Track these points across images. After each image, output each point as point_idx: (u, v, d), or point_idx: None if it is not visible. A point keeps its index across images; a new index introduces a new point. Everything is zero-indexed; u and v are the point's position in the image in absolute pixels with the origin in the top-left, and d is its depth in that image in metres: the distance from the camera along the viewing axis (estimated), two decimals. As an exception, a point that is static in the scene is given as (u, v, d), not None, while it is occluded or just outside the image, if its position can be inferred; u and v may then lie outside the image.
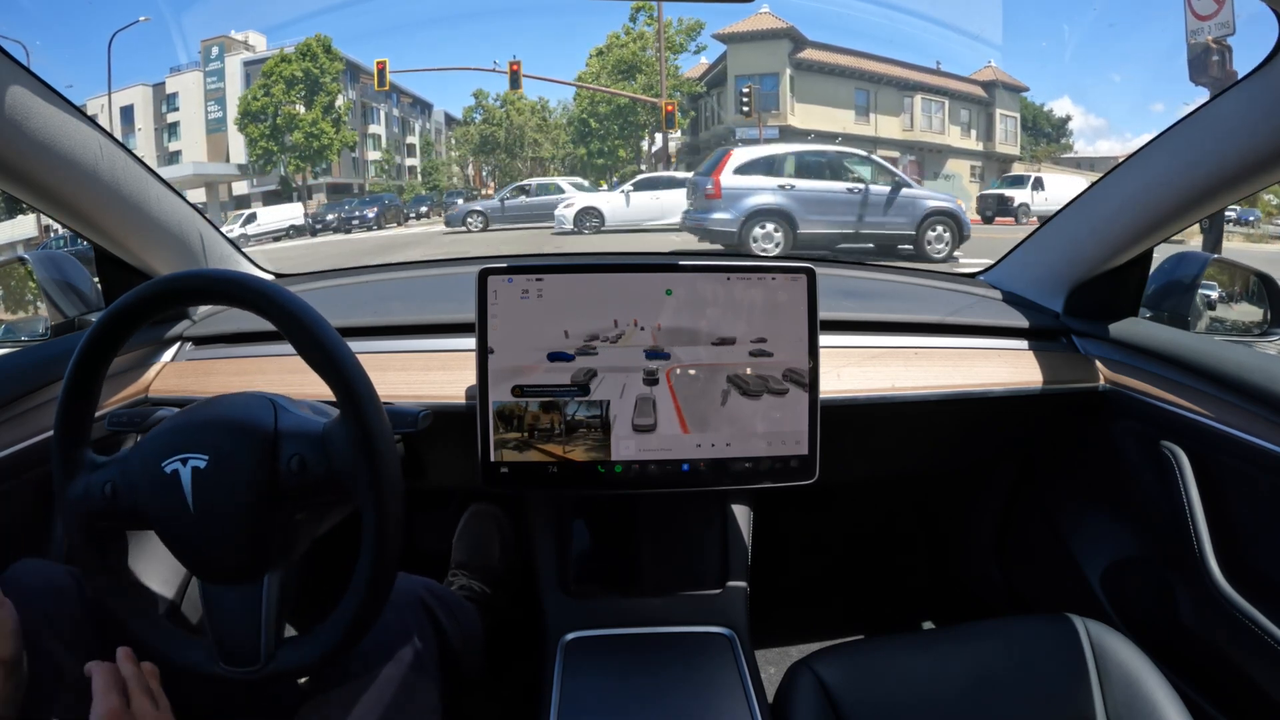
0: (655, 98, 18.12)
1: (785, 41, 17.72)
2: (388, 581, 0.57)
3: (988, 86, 19.14)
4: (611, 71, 19.02)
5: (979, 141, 19.21)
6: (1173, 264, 1.05)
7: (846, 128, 17.91)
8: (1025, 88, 19.72)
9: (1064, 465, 1.12)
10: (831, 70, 18.10)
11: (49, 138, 0.71)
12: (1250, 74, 0.69)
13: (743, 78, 17.37)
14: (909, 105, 18.56)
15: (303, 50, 18.56)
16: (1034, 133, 20.16)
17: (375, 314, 1.01)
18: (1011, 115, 19.56)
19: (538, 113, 20.68)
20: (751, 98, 16.18)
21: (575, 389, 0.79)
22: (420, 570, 0.83)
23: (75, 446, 0.61)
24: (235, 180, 19.46)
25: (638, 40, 18.96)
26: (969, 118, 19.18)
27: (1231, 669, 0.82)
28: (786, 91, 17.73)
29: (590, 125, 19.69)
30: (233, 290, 0.57)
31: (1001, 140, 19.21)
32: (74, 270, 1.00)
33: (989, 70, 19.18)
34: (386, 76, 15.54)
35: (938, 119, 18.86)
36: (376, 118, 21.63)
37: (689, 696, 0.75)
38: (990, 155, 18.99)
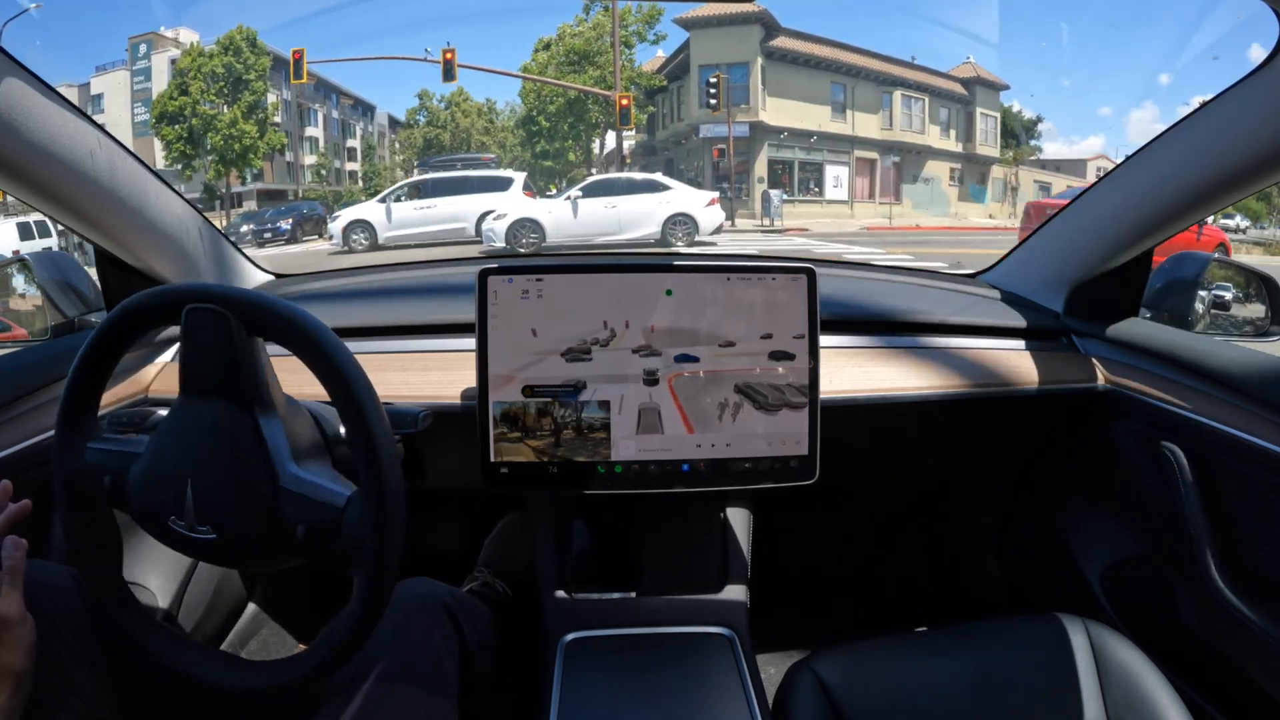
0: (609, 90, 15.88)
1: (756, 27, 15.79)
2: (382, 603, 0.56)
3: (967, 84, 18.33)
4: (561, 64, 17.18)
5: (958, 142, 18.39)
6: (1173, 264, 1.06)
7: (822, 125, 16.74)
8: (1005, 85, 18.97)
9: (1064, 465, 1.11)
10: (807, 61, 16.49)
11: (48, 136, 0.71)
12: (1250, 74, 0.69)
13: (708, 67, 15.54)
14: (888, 102, 17.45)
15: (224, 44, 16.44)
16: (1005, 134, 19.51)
17: (375, 314, 1.01)
18: (991, 114, 18.78)
19: (484, 114, 19.14)
20: (719, 89, 14.50)
21: (575, 389, 0.79)
22: (431, 570, 0.83)
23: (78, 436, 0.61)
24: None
25: (591, 29, 17.06)
26: (949, 116, 18.34)
27: (1231, 668, 0.82)
28: (758, 84, 15.99)
29: (539, 124, 17.75)
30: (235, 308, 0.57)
31: (981, 141, 18.48)
32: (74, 270, 1.00)
33: (968, 66, 18.43)
34: (304, 67, 13.92)
35: (917, 117, 17.84)
36: (314, 119, 19.75)
37: (689, 697, 0.75)
38: (970, 157, 18.31)
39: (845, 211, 16.73)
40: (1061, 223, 1.05)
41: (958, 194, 18.26)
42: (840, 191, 16.96)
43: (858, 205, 16.90)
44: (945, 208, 17.66)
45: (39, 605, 0.59)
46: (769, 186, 15.70)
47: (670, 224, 9.62)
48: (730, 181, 15.94)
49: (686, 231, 9.61)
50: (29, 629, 0.55)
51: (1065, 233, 1.05)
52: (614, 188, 10.30)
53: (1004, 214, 18.01)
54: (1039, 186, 19.13)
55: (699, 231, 9.63)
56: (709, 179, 15.99)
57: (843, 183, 16.95)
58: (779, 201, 14.52)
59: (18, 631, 0.54)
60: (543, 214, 9.71)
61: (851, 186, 17.04)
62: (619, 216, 9.70)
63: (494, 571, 1.17)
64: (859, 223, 15.64)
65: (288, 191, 18.81)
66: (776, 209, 14.35)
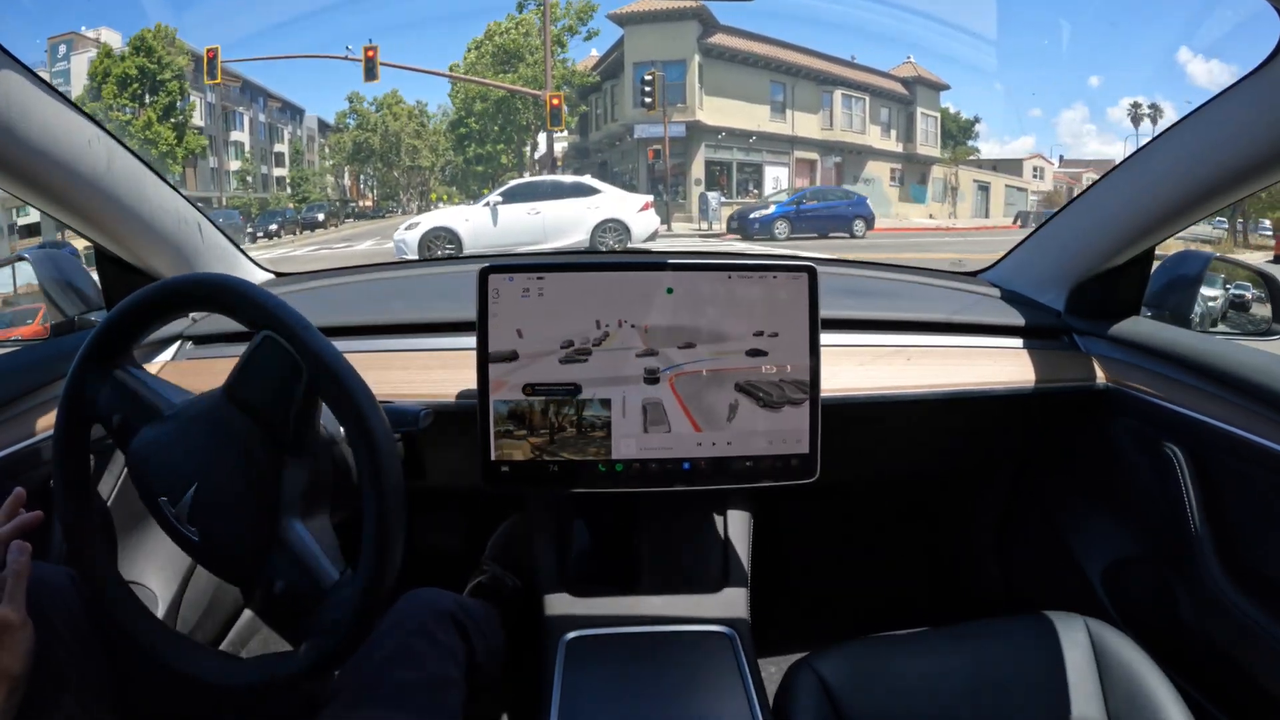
0: (539, 90, 15.07)
1: (693, 23, 15.04)
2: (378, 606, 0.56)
3: (908, 83, 17.75)
4: (490, 62, 16.15)
5: (899, 142, 17.83)
6: (1174, 262, 1.05)
7: (762, 125, 16.00)
8: (946, 85, 18.42)
9: (1064, 464, 1.11)
10: (746, 59, 15.69)
11: (46, 133, 0.70)
12: (1250, 73, 0.69)
13: (643, 65, 14.82)
14: (828, 101, 16.79)
15: (136, 44, 15.07)
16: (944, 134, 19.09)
17: (375, 313, 1.01)
18: (932, 114, 18.25)
19: (415, 117, 17.72)
20: (655, 86, 13.76)
21: (576, 387, 0.79)
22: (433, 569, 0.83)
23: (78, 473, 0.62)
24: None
25: (520, 26, 15.99)
26: (889, 117, 17.76)
27: (1231, 666, 0.82)
28: (695, 82, 15.20)
29: (469, 126, 16.72)
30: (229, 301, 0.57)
31: (922, 141, 17.96)
32: (74, 270, 1.00)
33: (909, 66, 17.85)
34: (218, 67, 13.12)
35: (858, 117, 17.23)
36: (240, 123, 18.15)
37: (690, 695, 0.75)
38: (911, 157, 17.81)
39: None
40: (1062, 221, 1.05)
41: (899, 194, 17.91)
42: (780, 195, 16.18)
43: None
44: (887, 208, 17.13)
45: (38, 605, 0.59)
46: (706, 188, 15.11)
47: (600, 231, 8.78)
48: (666, 184, 15.23)
49: (619, 239, 8.81)
50: (29, 633, 0.55)
51: (1066, 231, 1.04)
52: (538, 192, 9.26)
53: (944, 214, 17.80)
54: (978, 186, 19.06)
55: (631, 238, 8.83)
56: (644, 181, 15.33)
57: (783, 184, 16.04)
58: (717, 204, 13.97)
59: (18, 635, 0.54)
60: (459, 223, 8.89)
61: (791, 188, 16.13)
62: (543, 223, 8.83)
63: (502, 565, 1.17)
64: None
65: (212, 199, 17.45)
66: (715, 212, 13.74)
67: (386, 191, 18.25)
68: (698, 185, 15.39)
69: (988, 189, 19.32)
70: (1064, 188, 20.30)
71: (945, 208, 18.17)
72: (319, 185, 18.64)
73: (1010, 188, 19.81)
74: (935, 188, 18.56)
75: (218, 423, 0.58)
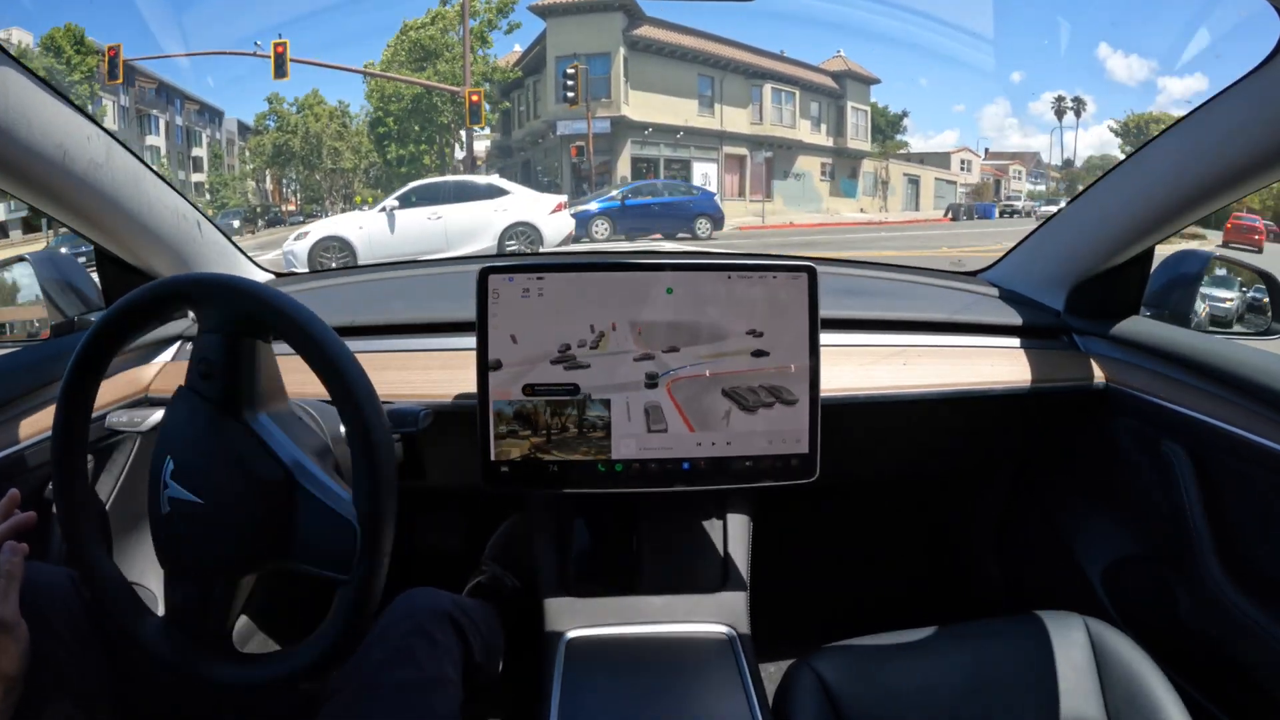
0: (456, 86, 14.12)
1: (618, 15, 14.37)
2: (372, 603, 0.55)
3: (838, 77, 17.54)
4: (407, 58, 15.24)
5: (829, 137, 17.61)
6: (1174, 262, 1.05)
7: (689, 120, 15.46)
8: (876, 79, 18.33)
9: (1064, 463, 1.11)
10: (673, 52, 15.10)
11: (45, 133, 0.70)
12: (1250, 73, 0.69)
13: (566, 59, 14.09)
14: (757, 96, 16.33)
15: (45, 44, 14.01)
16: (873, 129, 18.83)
17: (375, 313, 1.01)
18: (862, 109, 18.13)
19: (337, 118, 16.60)
20: (578, 80, 12.99)
21: (576, 388, 0.79)
22: (433, 570, 0.83)
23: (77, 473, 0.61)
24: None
25: (438, 21, 14.99)
26: (820, 111, 17.50)
27: (1231, 666, 0.82)
28: (620, 76, 14.54)
29: (387, 125, 15.75)
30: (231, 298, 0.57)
31: (853, 135, 17.81)
32: (74, 270, 1.00)
33: (839, 60, 17.73)
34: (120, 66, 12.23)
35: (788, 111, 16.80)
36: (155, 127, 17.03)
37: (690, 695, 0.75)
38: (842, 151, 17.66)
39: None
40: (1063, 221, 1.05)
41: (829, 189, 17.71)
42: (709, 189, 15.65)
43: (728, 203, 15.25)
44: (818, 203, 17.17)
45: (37, 606, 0.59)
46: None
47: (508, 235, 8.08)
48: (591, 182, 14.41)
49: (529, 244, 8.13)
50: (23, 634, 0.55)
51: (1066, 231, 1.04)
52: (440, 194, 8.38)
53: (875, 207, 17.66)
54: (908, 179, 18.99)
55: (543, 243, 8.11)
56: (568, 180, 14.76)
57: (711, 180, 15.70)
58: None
59: (11, 636, 0.54)
60: (352, 231, 8.15)
61: (721, 184, 15.91)
62: (445, 229, 8.08)
63: (502, 565, 1.17)
64: (730, 222, 14.51)
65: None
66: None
67: (310, 195, 17.21)
68: (624, 183, 14.16)
69: (918, 182, 19.28)
70: (991, 179, 20.66)
71: (876, 201, 18.10)
72: (239, 190, 17.72)
73: (940, 180, 19.80)
74: (866, 182, 18.44)
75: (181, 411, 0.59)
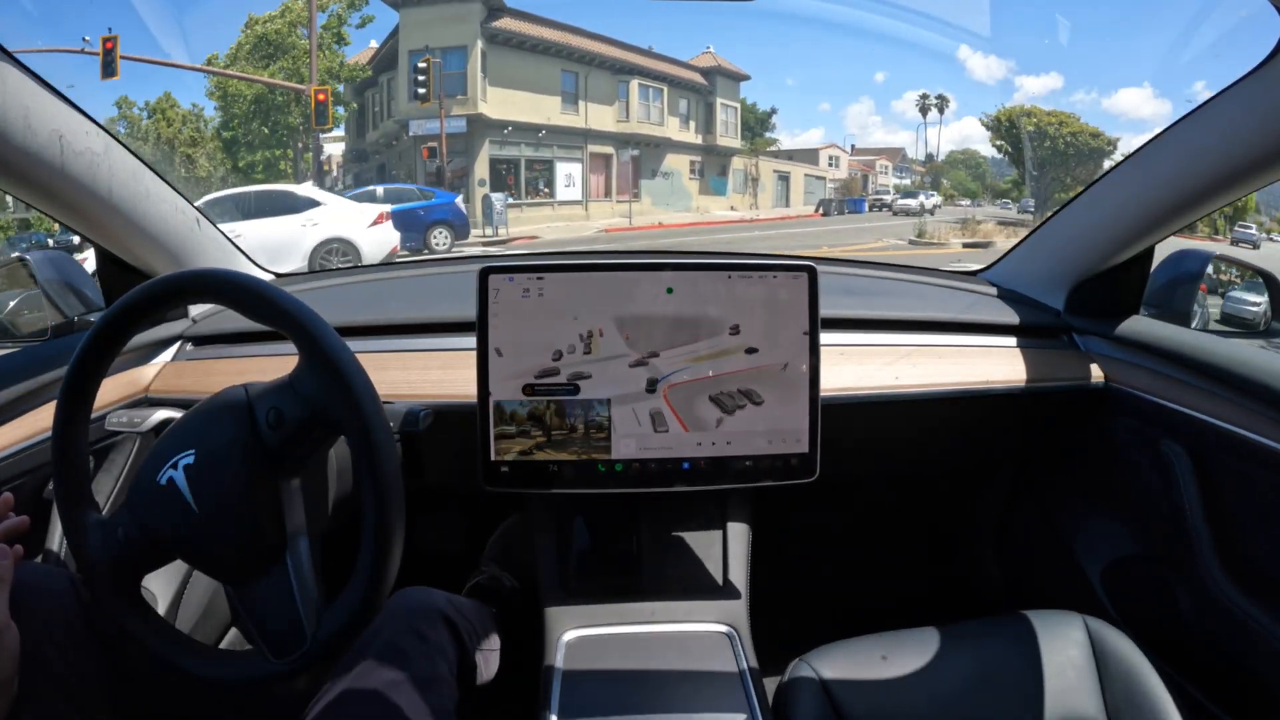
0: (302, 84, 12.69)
1: (477, 6, 13.51)
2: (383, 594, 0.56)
3: (708, 73, 17.28)
4: (252, 54, 13.92)
5: (699, 134, 17.30)
6: (1174, 261, 1.05)
7: (552, 118, 14.69)
8: (746, 76, 18.15)
9: (1064, 463, 1.12)
10: (535, 46, 14.27)
11: (44, 132, 0.70)
12: (1251, 73, 0.69)
13: (419, 52, 13.17)
14: (624, 92, 15.71)
15: None
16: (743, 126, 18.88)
17: (375, 313, 1.01)
18: (732, 105, 17.91)
19: (190, 123, 15.11)
20: (429, 75, 12.11)
21: (575, 388, 0.79)
22: (432, 570, 0.83)
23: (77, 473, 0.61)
24: None
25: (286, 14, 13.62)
26: (689, 108, 17.14)
27: (1230, 665, 0.82)
28: (477, 71, 13.66)
29: (233, 129, 14.34)
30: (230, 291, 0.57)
31: (722, 132, 17.57)
32: (74, 270, 1.00)
33: (708, 56, 17.50)
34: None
35: (656, 108, 16.34)
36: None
37: (689, 695, 0.75)
38: (711, 148, 17.40)
39: (580, 213, 15.04)
40: (1063, 220, 1.05)
41: (699, 187, 17.51)
42: (573, 191, 15.25)
43: (593, 205, 15.40)
44: (687, 202, 16.96)
45: (32, 607, 0.59)
46: (492, 190, 13.74)
47: (321, 253, 7.24)
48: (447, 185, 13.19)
49: (345, 262, 7.17)
50: (13, 637, 0.55)
51: (1066, 230, 1.04)
52: (238, 208, 7.45)
53: (746, 205, 17.56)
54: (778, 176, 19.01)
55: (361, 260, 7.24)
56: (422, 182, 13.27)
57: (576, 181, 15.31)
58: (501, 206, 12.67)
59: (4, 639, 0.54)
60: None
61: (586, 185, 15.45)
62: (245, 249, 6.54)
63: (500, 566, 1.17)
64: (595, 224, 14.24)
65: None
66: (500, 215, 12.44)
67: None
68: (482, 186, 13.85)
69: (788, 178, 19.37)
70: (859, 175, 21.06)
71: (747, 199, 18.07)
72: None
73: (809, 176, 19.95)
74: (736, 179, 18.30)
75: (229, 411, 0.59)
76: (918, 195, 19.31)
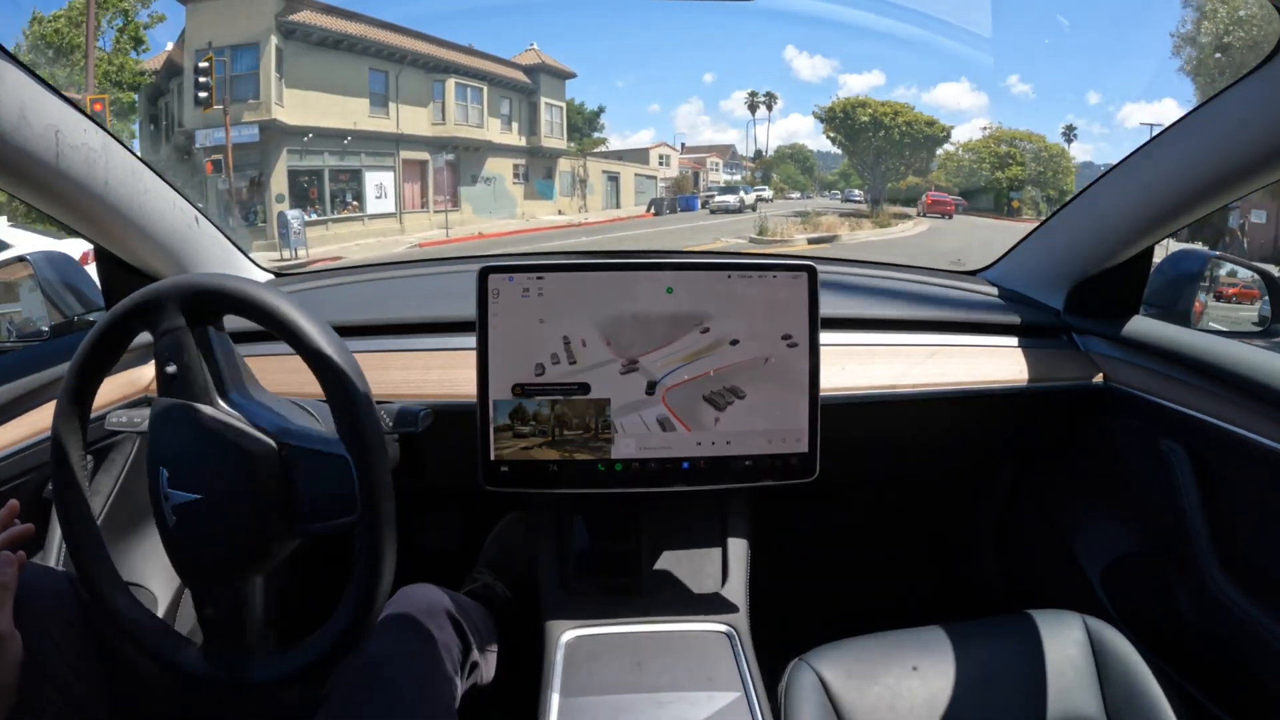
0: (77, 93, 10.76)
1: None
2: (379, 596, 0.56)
3: (531, 71, 16.13)
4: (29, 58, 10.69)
5: (522, 135, 16.13)
6: (1174, 261, 1.05)
7: (359, 122, 13.15)
8: (572, 73, 16.97)
9: (1064, 462, 1.12)
10: (339, 42, 12.57)
11: (43, 131, 0.70)
12: (1251, 72, 0.69)
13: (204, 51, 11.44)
14: (440, 92, 14.31)
15: None
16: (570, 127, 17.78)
17: (376, 312, 1.01)
18: (557, 104, 16.75)
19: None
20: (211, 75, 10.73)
21: (576, 387, 0.79)
22: (432, 569, 0.83)
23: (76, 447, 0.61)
24: None
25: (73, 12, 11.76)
26: (511, 108, 15.92)
27: (1230, 665, 0.82)
28: (271, 72, 11.88)
29: None
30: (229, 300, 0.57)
31: (547, 133, 16.44)
32: (74, 270, 1.00)
33: (532, 53, 16.40)
34: None
35: (475, 109, 15.06)
36: None
37: (689, 694, 0.75)
38: (536, 150, 16.29)
39: (394, 226, 13.86)
40: (1062, 220, 1.05)
41: (524, 192, 16.41)
42: (386, 202, 13.85)
43: (409, 217, 14.18)
44: (512, 208, 15.93)
45: (31, 608, 0.59)
46: (293, 206, 11.97)
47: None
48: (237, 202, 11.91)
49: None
50: (16, 645, 0.55)
51: (1066, 230, 1.04)
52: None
53: (574, 208, 16.84)
54: (607, 177, 18.28)
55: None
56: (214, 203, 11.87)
57: (388, 191, 13.88)
58: (299, 225, 11.09)
59: (6, 647, 0.54)
60: None
61: (399, 195, 14.08)
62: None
63: (494, 573, 1.17)
64: (410, 239, 13.24)
65: None
66: (298, 235, 10.94)
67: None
68: (280, 202, 12.04)
69: (617, 179, 18.66)
70: (689, 172, 20.80)
71: (575, 201, 17.30)
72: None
73: (640, 176, 19.32)
74: (563, 181, 17.32)
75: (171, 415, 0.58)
76: (737, 191, 18.77)
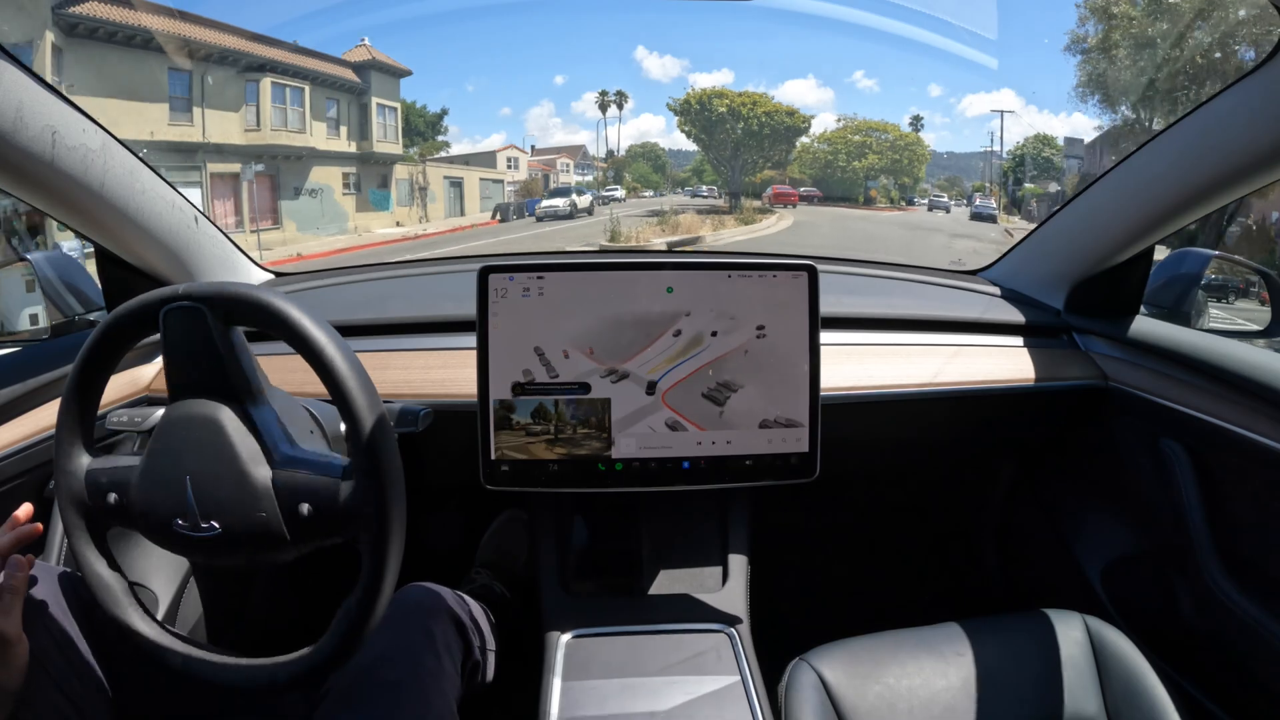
0: None
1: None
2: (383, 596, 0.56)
3: (360, 69, 14.73)
4: None
5: (352, 141, 14.69)
6: (1174, 261, 1.05)
7: (157, 131, 11.44)
8: (407, 71, 15.53)
9: (1064, 462, 1.12)
10: (131, 38, 10.87)
11: (42, 131, 0.70)
12: (1251, 72, 0.69)
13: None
14: (254, 94, 12.70)
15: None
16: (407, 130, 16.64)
17: (376, 312, 1.01)
18: (391, 105, 15.37)
19: None
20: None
21: (576, 387, 0.79)
22: (431, 568, 0.83)
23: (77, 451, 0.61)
24: None
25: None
26: (339, 111, 14.43)
27: (1229, 664, 0.82)
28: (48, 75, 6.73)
29: None
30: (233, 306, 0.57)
31: (380, 137, 15.10)
32: (75, 270, 1.00)
33: (362, 50, 15.01)
34: None
35: (296, 112, 13.45)
36: None
37: (690, 694, 0.75)
38: (368, 157, 14.87)
39: None
40: (1063, 220, 1.05)
41: (356, 203, 14.96)
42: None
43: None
44: (342, 222, 14.50)
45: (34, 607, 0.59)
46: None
47: None
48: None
49: None
50: (24, 649, 0.55)
51: (1066, 230, 1.04)
52: None
53: (414, 218, 15.76)
54: (450, 183, 17.19)
55: None
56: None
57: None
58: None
59: (13, 651, 0.54)
60: None
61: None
62: None
63: (492, 572, 1.17)
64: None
65: None
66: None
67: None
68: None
69: (461, 185, 17.38)
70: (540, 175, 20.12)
71: (414, 211, 16.06)
72: None
73: (485, 180, 18.08)
74: (401, 190, 15.91)
75: (176, 421, 0.59)
76: (567, 193, 17.43)
